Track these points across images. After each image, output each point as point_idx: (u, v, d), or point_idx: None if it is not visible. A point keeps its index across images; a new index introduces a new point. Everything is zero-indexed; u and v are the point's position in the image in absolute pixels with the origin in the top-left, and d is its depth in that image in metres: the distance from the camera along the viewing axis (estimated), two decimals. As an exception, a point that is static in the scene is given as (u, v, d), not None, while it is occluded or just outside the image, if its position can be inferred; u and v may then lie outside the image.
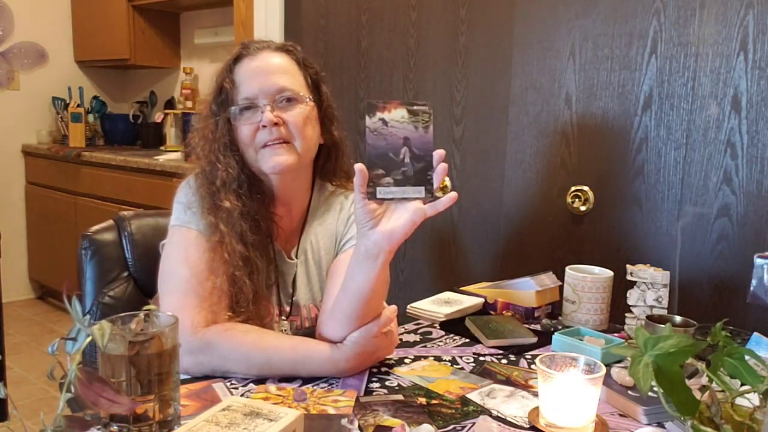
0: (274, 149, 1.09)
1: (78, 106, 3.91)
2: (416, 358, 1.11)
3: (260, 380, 0.98)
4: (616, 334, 1.23)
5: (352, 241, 1.19)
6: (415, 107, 0.87)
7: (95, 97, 4.10)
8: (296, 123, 1.10)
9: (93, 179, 3.42)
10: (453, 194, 0.87)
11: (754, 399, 0.76)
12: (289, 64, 1.14)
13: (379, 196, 0.86)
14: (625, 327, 1.27)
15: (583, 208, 1.73)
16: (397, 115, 0.86)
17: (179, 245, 1.09)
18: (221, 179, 1.10)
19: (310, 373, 0.99)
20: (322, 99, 1.18)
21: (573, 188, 1.75)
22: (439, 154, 0.87)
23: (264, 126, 1.08)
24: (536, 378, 0.93)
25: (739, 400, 0.77)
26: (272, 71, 1.11)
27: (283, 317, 1.18)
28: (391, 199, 0.87)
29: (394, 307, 1.04)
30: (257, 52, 1.13)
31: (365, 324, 0.99)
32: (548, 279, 1.40)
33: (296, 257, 1.20)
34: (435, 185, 0.87)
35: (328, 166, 1.24)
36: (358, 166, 0.86)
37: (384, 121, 0.86)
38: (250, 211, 1.10)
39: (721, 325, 0.84)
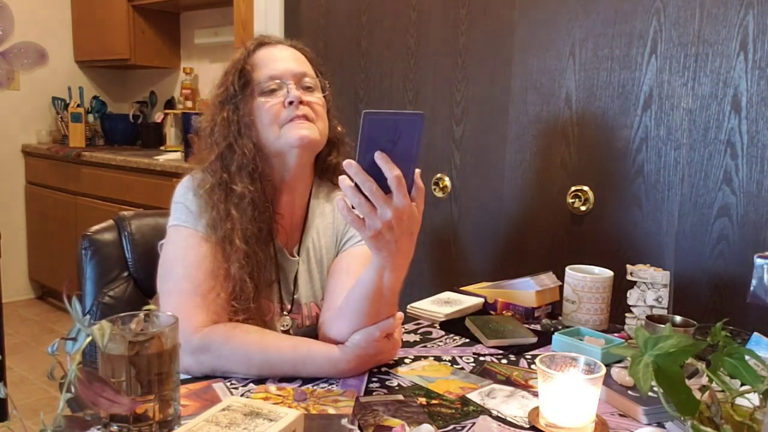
0: (299, 123, 1.11)
1: (78, 106, 3.91)
2: (416, 358, 1.11)
3: (260, 380, 0.99)
4: (616, 334, 1.23)
5: (353, 240, 1.20)
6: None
7: (95, 97, 4.10)
8: (317, 107, 1.14)
9: (93, 179, 3.43)
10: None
11: (754, 399, 0.76)
12: (305, 59, 1.19)
13: None
14: (625, 327, 1.27)
15: (583, 208, 1.73)
16: None
17: (179, 245, 1.09)
18: (237, 163, 1.10)
19: (310, 374, 0.99)
20: (326, 98, 1.21)
21: (573, 188, 1.75)
22: (394, 174, 0.84)
23: (290, 102, 1.10)
24: (536, 378, 0.93)
25: (739, 400, 0.77)
26: (294, 58, 1.16)
27: (284, 313, 1.18)
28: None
29: (400, 314, 1.04)
30: (276, 43, 1.19)
31: (376, 321, 0.99)
32: (548, 279, 1.40)
33: (298, 255, 1.20)
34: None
35: (328, 162, 1.24)
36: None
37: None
38: (260, 198, 1.11)
39: (721, 325, 0.84)
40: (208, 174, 1.12)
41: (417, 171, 0.87)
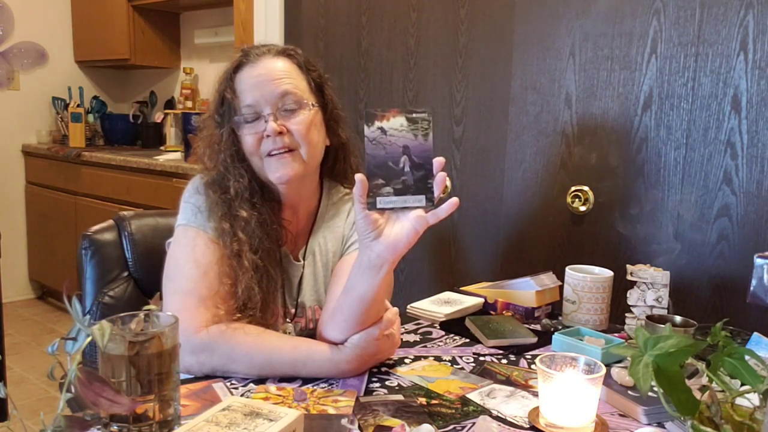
0: (280, 159, 1.09)
1: (78, 106, 3.91)
2: (416, 358, 1.11)
3: (260, 380, 0.99)
4: (616, 334, 1.23)
5: (356, 244, 1.19)
6: (414, 115, 0.86)
7: (95, 97, 4.10)
8: (300, 131, 1.09)
9: (93, 179, 3.42)
10: (454, 200, 0.86)
11: (754, 399, 0.76)
12: (291, 69, 1.13)
13: (379, 206, 0.86)
14: (625, 327, 1.27)
15: (583, 208, 1.73)
16: (395, 123, 0.86)
17: (186, 245, 1.08)
18: (234, 189, 1.10)
19: (310, 374, 0.99)
20: (326, 101, 1.17)
21: (573, 188, 1.75)
22: (439, 162, 0.86)
23: (268, 135, 1.08)
24: (536, 378, 0.93)
25: (739, 400, 0.77)
26: (274, 78, 1.10)
27: (288, 319, 1.18)
28: (392, 209, 0.86)
29: (395, 310, 1.04)
30: (257, 59, 1.12)
31: (366, 327, 0.99)
32: (548, 279, 1.40)
33: (303, 259, 1.20)
34: (435, 193, 0.86)
35: (337, 168, 1.23)
36: (358, 176, 0.85)
37: (383, 130, 0.85)
38: (266, 219, 1.10)
39: (721, 325, 0.84)
40: (206, 188, 1.12)
41: None
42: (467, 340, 1.22)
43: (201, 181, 1.15)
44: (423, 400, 0.94)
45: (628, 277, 1.28)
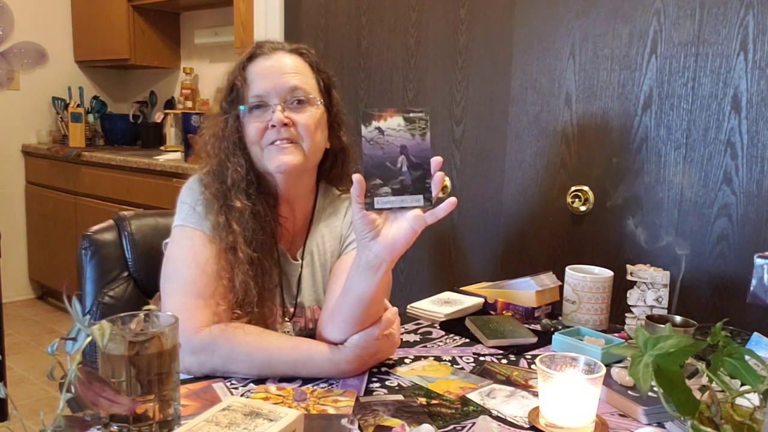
0: (281, 147, 1.09)
1: (78, 106, 3.91)
2: (416, 358, 1.11)
3: (260, 380, 0.99)
4: (616, 334, 1.23)
5: (354, 243, 1.19)
6: (411, 114, 0.86)
7: (95, 97, 4.10)
8: (306, 125, 1.10)
9: (93, 179, 3.43)
10: (452, 200, 0.86)
11: (754, 399, 0.76)
12: (303, 66, 1.14)
13: (377, 206, 0.86)
14: (625, 327, 1.27)
15: (583, 208, 1.73)
16: (393, 123, 0.86)
17: (183, 245, 1.08)
18: (231, 178, 1.10)
19: (310, 374, 0.99)
20: (332, 103, 1.19)
21: (573, 188, 1.75)
22: (436, 161, 0.86)
23: (273, 125, 1.08)
24: (536, 378, 0.93)
25: (739, 400, 0.77)
26: (285, 71, 1.11)
27: (287, 319, 1.18)
28: (390, 209, 0.87)
29: (395, 309, 1.04)
30: (271, 52, 1.14)
31: (366, 327, 0.99)
32: (548, 279, 1.40)
33: (301, 258, 1.20)
34: (433, 193, 0.86)
35: (334, 172, 1.23)
36: (356, 177, 0.86)
37: (380, 130, 0.86)
38: (260, 211, 1.10)
39: (721, 325, 0.84)
40: (207, 184, 1.12)
41: None
42: (467, 340, 1.22)
43: (199, 175, 1.15)
44: (423, 400, 0.94)
45: (628, 277, 1.28)
